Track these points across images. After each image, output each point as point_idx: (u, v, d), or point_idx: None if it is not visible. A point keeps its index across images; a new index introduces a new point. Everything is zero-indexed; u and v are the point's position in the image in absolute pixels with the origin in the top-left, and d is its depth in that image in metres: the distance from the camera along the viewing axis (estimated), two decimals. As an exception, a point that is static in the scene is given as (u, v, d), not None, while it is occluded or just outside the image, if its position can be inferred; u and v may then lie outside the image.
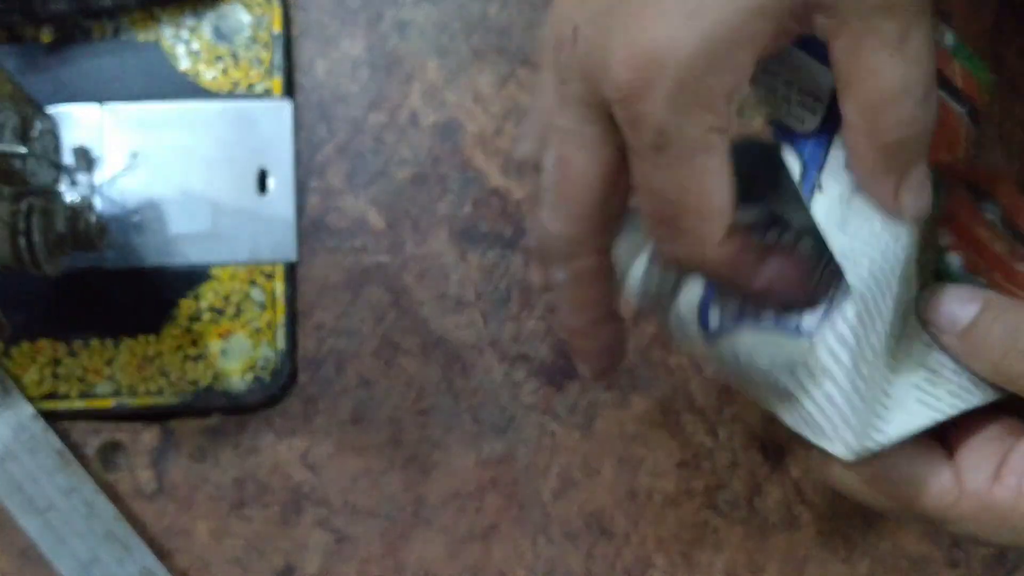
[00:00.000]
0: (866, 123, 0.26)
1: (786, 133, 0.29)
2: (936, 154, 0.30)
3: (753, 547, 0.45)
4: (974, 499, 0.28)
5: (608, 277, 0.31)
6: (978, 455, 0.29)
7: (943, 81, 0.30)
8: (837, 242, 0.29)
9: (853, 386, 0.29)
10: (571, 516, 0.45)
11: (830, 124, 0.29)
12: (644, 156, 0.26)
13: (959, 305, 0.29)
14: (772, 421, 0.45)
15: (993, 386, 0.30)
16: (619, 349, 0.33)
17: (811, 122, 0.30)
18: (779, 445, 0.45)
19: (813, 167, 0.29)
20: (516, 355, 0.46)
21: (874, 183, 0.28)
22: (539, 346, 0.46)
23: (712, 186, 0.26)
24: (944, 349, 0.30)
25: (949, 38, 0.31)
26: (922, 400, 0.30)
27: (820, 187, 0.29)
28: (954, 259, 0.32)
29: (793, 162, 0.29)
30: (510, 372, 0.46)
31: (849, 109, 0.27)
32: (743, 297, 0.29)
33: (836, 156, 0.29)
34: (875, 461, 0.29)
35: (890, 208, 0.28)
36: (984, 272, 0.32)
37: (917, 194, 0.28)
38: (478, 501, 0.45)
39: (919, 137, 0.27)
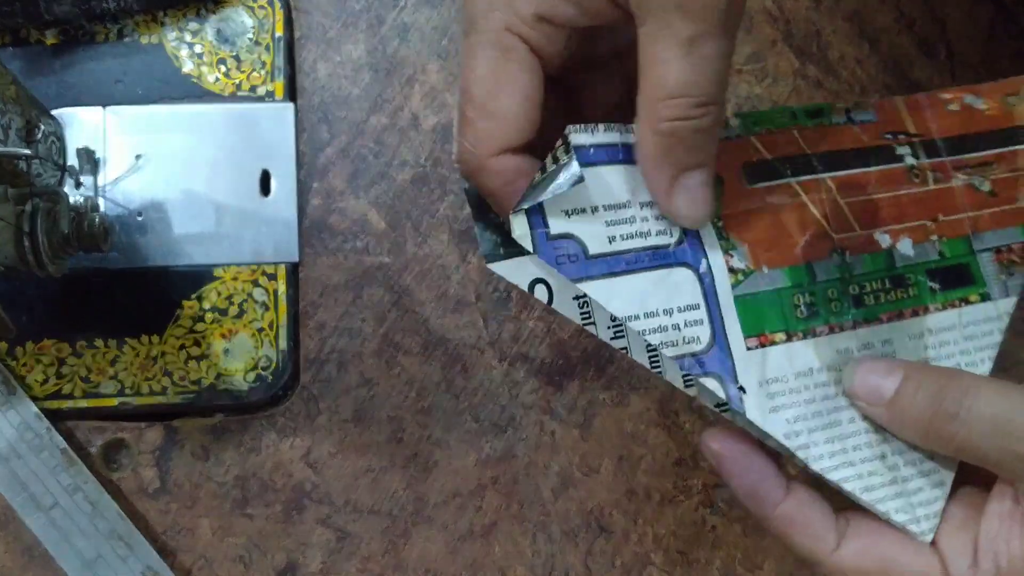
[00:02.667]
0: (647, 110, 0.27)
1: (694, 356, 0.30)
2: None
3: (750, 545, 0.46)
4: None
5: None
6: (956, 541, 0.29)
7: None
8: (776, 428, 0.30)
9: (882, 487, 0.31)
10: (570, 514, 0.45)
11: (719, 333, 0.31)
12: (463, 44, 0.29)
13: (880, 377, 0.30)
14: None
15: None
16: None
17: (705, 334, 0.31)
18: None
19: (728, 377, 0.30)
20: (516, 355, 0.46)
21: (651, 172, 0.28)
22: (539, 346, 0.46)
23: (502, 86, 0.28)
24: (872, 421, 0.31)
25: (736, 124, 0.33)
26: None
27: (743, 389, 0.31)
28: (905, 243, 0.33)
29: (713, 385, 0.30)
30: (510, 372, 0.46)
31: (639, 95, 0.27)
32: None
33: (738, 355, 0.31)
34: (869, 547, 0.30)
35: (664, 206, 0.29)
36: (936, 229, 0.33)
37: (690, 200, 0.28)
38: (478, 499, 0.45)
39: (694, 138, 0.27)
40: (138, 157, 0.45)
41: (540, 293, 0.30)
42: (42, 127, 0.42)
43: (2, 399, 0.43)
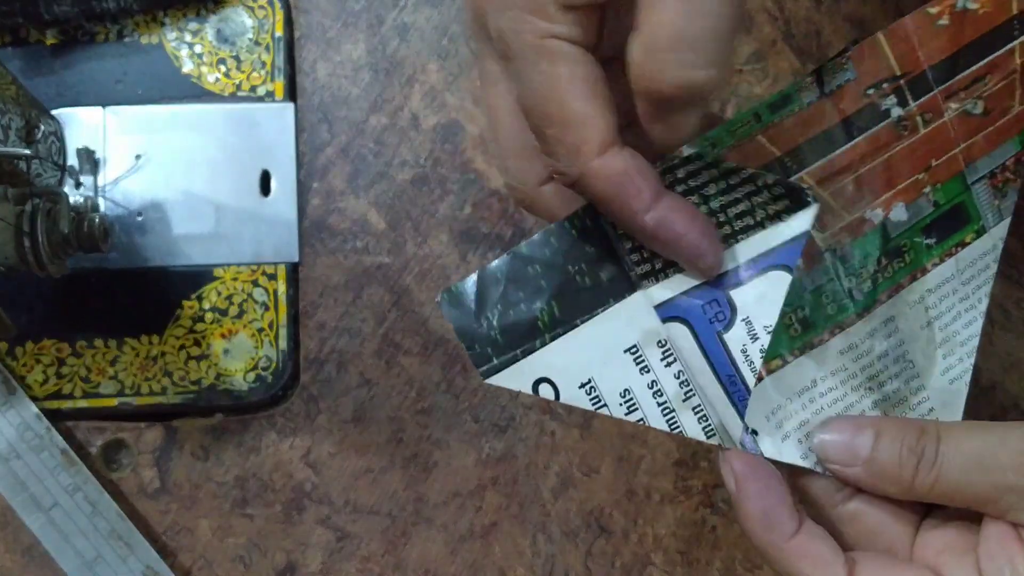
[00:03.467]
0: (645, 62, 0.25)
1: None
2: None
3: (750, 545, 0.45)
4: None
5: None
6: (959, 568, 0.29)
7: None
8: (792, 455, 0.31)
9: None
10: (570, 514, 0.45)
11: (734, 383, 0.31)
12: (507, 70, 0.27)
13: (851, 437, 0.30)
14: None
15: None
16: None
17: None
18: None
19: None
20: (516, 355, 0.46)
21: (648, 125, 0.27)
22: (539, 346, 0.46)
23: (566, 92, 0.26)
24: (849, 482, 0.30)
25: None
26: None
27: (755, 432, 0.31)
28: (898, 210, 0.32)
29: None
30: (510, 372, 0.46)
31: (633, 45, 0.26)
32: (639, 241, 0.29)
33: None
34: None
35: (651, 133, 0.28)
36: (929, 178, 0.31)
37: (672, 129, 0.27)
38: (478, 500, 0.45)
39: (694, 95, 0.26)
40: (138, 157, 0.45)
41: (545, 392, 0.30)
42: (42, 127, 0.42)
43: (2, 399, 0.43)
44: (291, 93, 0.46)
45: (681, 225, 0.27)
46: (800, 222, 0.29)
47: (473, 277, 0.30)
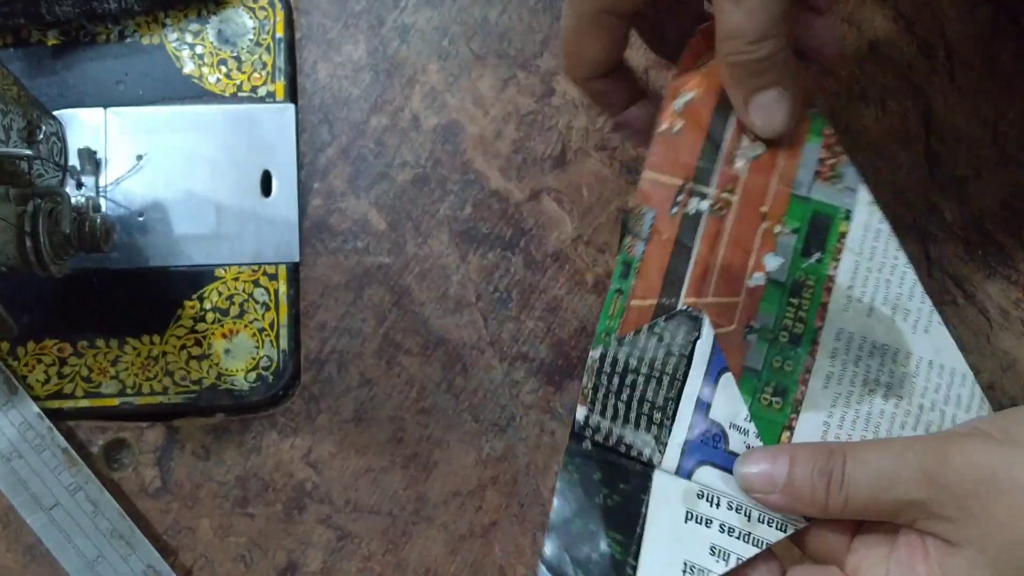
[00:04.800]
0: (718, 48, 0.33)
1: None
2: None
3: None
4: None
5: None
6: (870, 570, 0.32)
7: None
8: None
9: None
10: (570, 514, 0.45)
11: None
12: None
13: (769, 465, 0.32)
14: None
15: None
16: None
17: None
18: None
19: None
20: (516, 355, 0.46)
21: (731, 96, 0.34)
22: (539, 346, 0.46)
23: (588, 43, 0.35)
24: (771, 509, 0.32)
25: None
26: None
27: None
28: (769, 260, 0.34)
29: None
30: (510, 372, 0.46)
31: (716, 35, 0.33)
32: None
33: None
34: None
35: (744, 121, 0.34)
36: (772, 220, 0.34)
37: (763, 115, 0.33)
38: (478, 499, 0.45)
39: (753, 66, 0.32)
40: (139, 157, 0.45)
41: None
42: (43, 128, 0.42)
43: (4, 399, 0.43)
44: (292, 94, 0.46)
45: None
46: (705, 333, 0.33)
47: (542, 570, 0.33)
